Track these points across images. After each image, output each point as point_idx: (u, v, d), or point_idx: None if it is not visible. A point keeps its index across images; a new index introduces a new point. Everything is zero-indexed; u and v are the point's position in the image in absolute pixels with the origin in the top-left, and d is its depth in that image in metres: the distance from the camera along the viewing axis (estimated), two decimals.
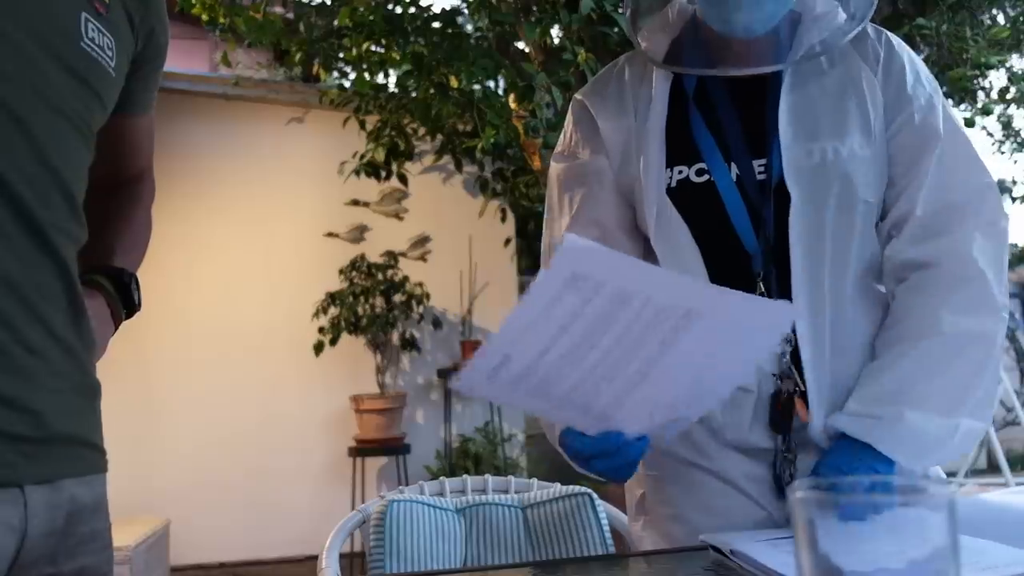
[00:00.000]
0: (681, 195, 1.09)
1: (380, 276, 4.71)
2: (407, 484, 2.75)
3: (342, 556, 1.45)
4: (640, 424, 0.88)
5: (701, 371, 0.85)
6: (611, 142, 1.14)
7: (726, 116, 1.10)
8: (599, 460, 0.91)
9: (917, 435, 0.96)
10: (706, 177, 1.08)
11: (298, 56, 4.59)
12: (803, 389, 1.04)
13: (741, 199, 1.06)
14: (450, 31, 3.91)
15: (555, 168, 1.20)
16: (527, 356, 0.80)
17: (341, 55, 4.65)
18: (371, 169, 4.60)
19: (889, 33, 1.14)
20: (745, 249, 1.06)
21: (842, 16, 1.09)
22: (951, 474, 5.27)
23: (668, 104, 1.12)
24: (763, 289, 1.05)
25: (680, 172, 1.09)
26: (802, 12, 1.09)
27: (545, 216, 1.22)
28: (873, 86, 1.09)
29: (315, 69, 4.93)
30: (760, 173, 1.07)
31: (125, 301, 0.94)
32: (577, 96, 1.21)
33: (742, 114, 1.10)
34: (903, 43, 1.14)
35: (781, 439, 1.04)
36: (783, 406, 1.04)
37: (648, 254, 1.13)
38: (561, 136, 1.22)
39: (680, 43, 1.13)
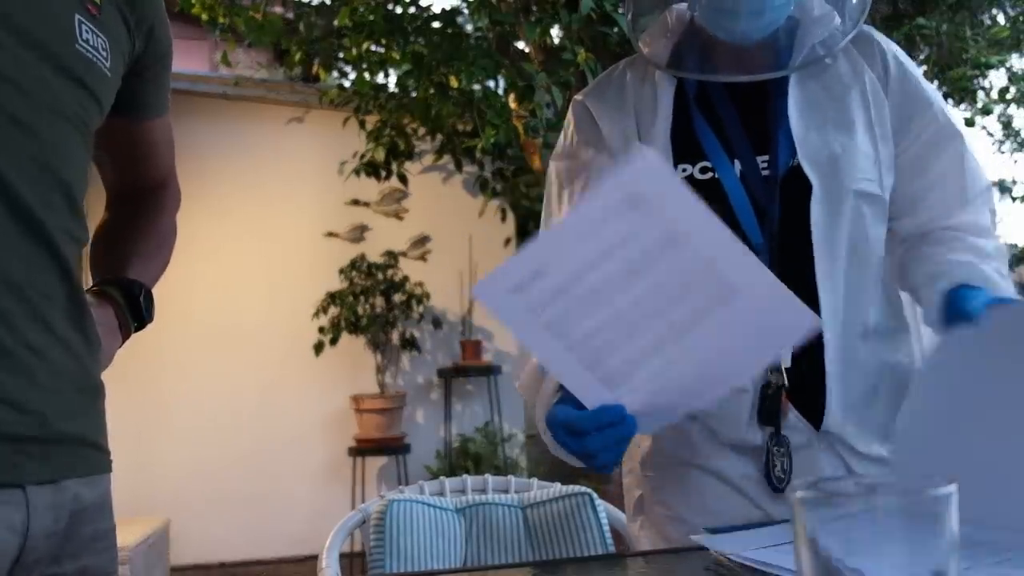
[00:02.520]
0: None
1: (380, 276, 4.71)
2: (407, 484, 2.75)
3: (342, 556, 1.45)
4: (639, 402, 0.83)
5: (717, 358, 0.80)
6: (612, 143, 1.14)
7: (727, 114, 1.11)
8: (593, 436, 0.84)
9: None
10: (710, 175, 1.09)
11: (298, 56, 4.59)
12: (786, 384, 1.05)
13: (746, 195, 1.07)
14: (450, 31, 3.91)
15: (554, 167, 1.21)
16: (560, 276, 0.74)
17: (341, 55, 4.65)
18: (371, 169, 4.60)
19: (881, 35, 1.18)
20: (750, 246, 1.06)
21: (838, 19, 1.11)
22: None
23: (672, 106, 1.13)
24: None
25: (684, 170, 1.10)
26: (800, 16, 1.11)
27: (543, 215, 1.23)
28: (876, 89, 1.11)
29: (315, 69, 4.93)
30: (764, 169, 1.08)
31: (135, 314, 0.94)
32: (577, 97, 1.22)
33: (743, 111, 1.11)
34: (894, 44, 1.18)
35: (771, 433, 1.05)
36: (771, 399, 1.05)
37: None
38: (560, 138, 1.23)
39: (682, 47, 1.15)
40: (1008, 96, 5.52)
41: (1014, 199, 8.46)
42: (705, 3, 1.06)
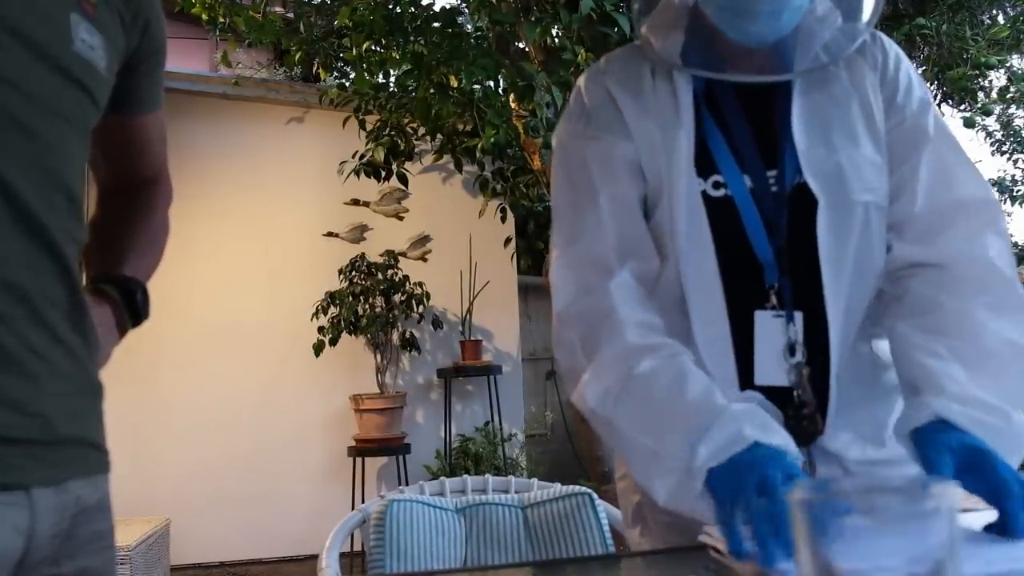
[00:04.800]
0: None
1: (380, 276, 4.71)
2: (407, 484, 2.76)
3: (342, 556, 1.45)
4: None
5: None
6: (639, 139, 1.09)
7: (737, 125, 1.07)
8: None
9: (1020, 436, 0.89)
10: (723, 191, 1.05)
11: (298, 56, 4.60)
12: (813, 400, 1.02)
13: (756, 211, 1.04)
14: (450, 31, 3.91)
15: (572, 145, 1.12)
16: None
17: (341, 55, 4.66)
18: (371, 169, 4.60)
19: (881, 34, 1.14)
20: (758, 262, 1.04)
21: (840, 19, 1.08)
22: None
23: (693, 115, 1.08)
24: (775, 302, 1.03)
25: (697, 184, 1.06)
26: (804, 16, 1.06)
27: (562, 196, 1.12)
28: (876, 90, 1.08)
29: (315, 69, 4.94)
30: (773, 185, 1.05)
31: (132, 311, 0.94)
32: (595, 74, 1.14)
33: (752, 121, 1.07)
34: (893, 43, 1.14)
35: (806, 453, 1.02)
36: (808, 420, 1.02)
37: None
38: (573, 112, 1.15)
39: (688, 44, 1.10)
40: (1008, 96, 5.53)
41: (1014, 199, 8.47)
42: (720, 4, 1.01)
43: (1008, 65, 5.32)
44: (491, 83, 3.98)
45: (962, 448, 0.85)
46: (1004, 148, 7.54)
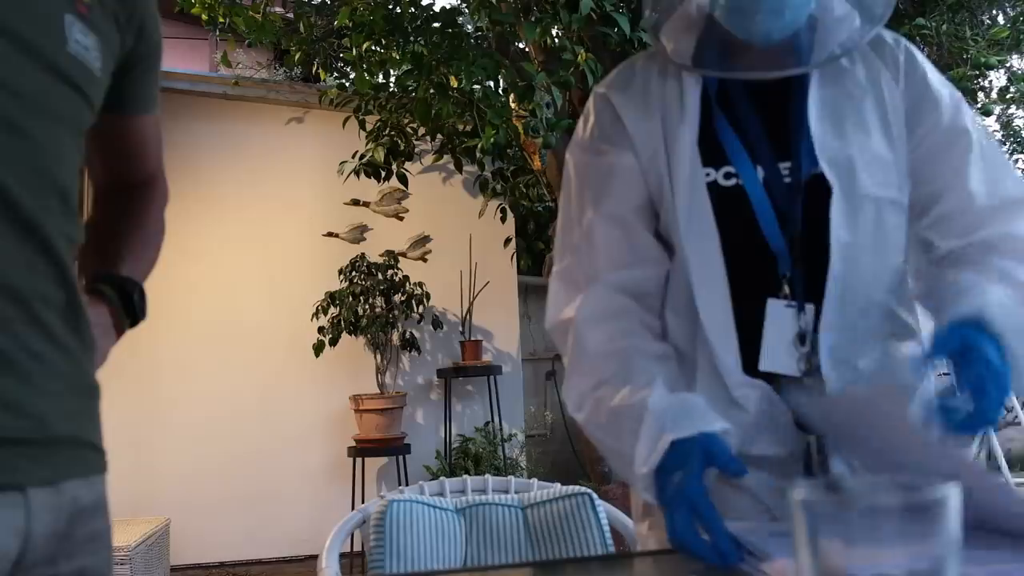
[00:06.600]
0: (710, 198, 1.08)
1: (380, 276, 4.71)
2: (407, 484, 2.76)
3: (342, 556, 1.45)
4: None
5: None
6: (639, 142, 1.12)
7: (748, 119, 1.09)
8: (697, 540, 0.85)
9: None
10: (734, 181, 1.07)
11: (298, 56, 4.60)
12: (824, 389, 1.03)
13: (769, 201, 1.06)
14: (450, 31, 3.91)
15: (576, 160, 1.18)
16: None
17: (341, 55, 4.66)
18: (371, 169, 4.60)
19: (904, 39, 1.16)
20: (770, 252, 1.06)
21: (858, 19, 1.10)
22: None
23: (699, 108, 1.11)
24: (788, 291, 1.05)
25: (708, 175, 1.08)
26: (821, 15, 1.08)
27: (562, 211, 1.19)
28: (893, 91, 1.10)
29: (315, 69, 4.94)
30: (786, 176, 1.07)
31: (129, 312, 0.94)
32: (599, 89, 1.19)
33: (764, 116, 1.09)
34: (915, 48, 1.16)
35: (815, 440, 1.03)
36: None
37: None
38: (579, 128, 1.20)
39: (702, 45, 1.12)
40: (1008, 96, 5.53)
41: None
42: (724, 3, 1.04)
43: (1008, 65, 5.32)
44: (491, 83, 3.98)
45: (969, 344, 0.90)
46: (1004, 148, 7.55)
